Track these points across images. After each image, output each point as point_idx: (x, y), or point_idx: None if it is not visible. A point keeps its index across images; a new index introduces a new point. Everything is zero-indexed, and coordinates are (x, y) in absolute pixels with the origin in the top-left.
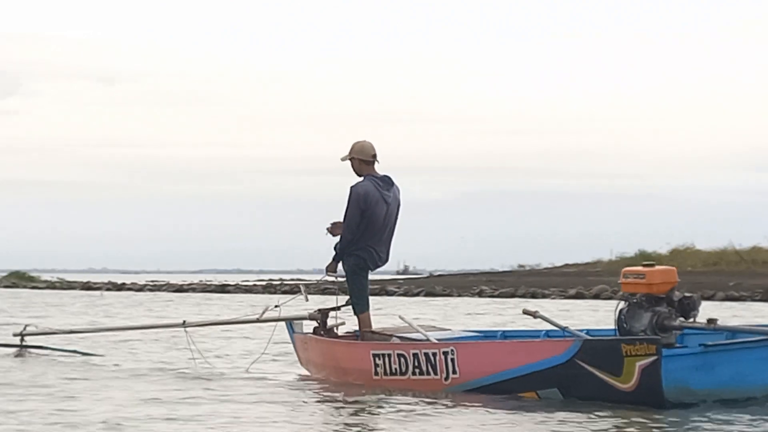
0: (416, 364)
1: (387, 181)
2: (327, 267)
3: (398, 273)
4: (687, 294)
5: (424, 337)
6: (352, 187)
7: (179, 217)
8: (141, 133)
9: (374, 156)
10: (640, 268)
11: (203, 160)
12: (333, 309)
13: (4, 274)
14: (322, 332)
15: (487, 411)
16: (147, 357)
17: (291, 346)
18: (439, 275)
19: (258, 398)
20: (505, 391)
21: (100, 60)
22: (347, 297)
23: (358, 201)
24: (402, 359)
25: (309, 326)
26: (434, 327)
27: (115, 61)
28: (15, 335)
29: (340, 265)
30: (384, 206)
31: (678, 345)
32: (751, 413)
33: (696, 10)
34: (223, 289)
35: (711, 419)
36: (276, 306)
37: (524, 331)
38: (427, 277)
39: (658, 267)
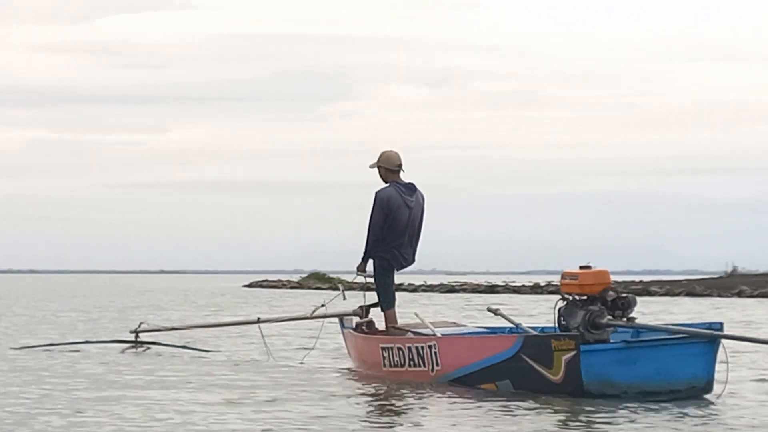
0: (410, 357)
1: (410, 188)
2: (357, 267)
3: (726, 273)
4: (622, 294)
5: (431, 332)
6: (376, 193)
7: (510, 217)
8: (474, 135)
9: (399, 165)
10: (575, 270)
11: (536, 162)
12: (374, 305)
13: (304, 275)
14: (364, 327)
15: (444, 400)
16: (244, 349)
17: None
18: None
19: (292, 387)
20: (474, 382)
21: (429, 62)
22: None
23: (381, 205)
24: (401, 352)
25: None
26: (456, 323)
27: (443, 62)
28: (131, 332)
29: (369, 266)
30: (406, 210)
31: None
32: (672, 405)
33: None
34: (492, 289)
35: (630, 409)
36: (322, 305)
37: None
38: (727, 277)
39: (591, 270)
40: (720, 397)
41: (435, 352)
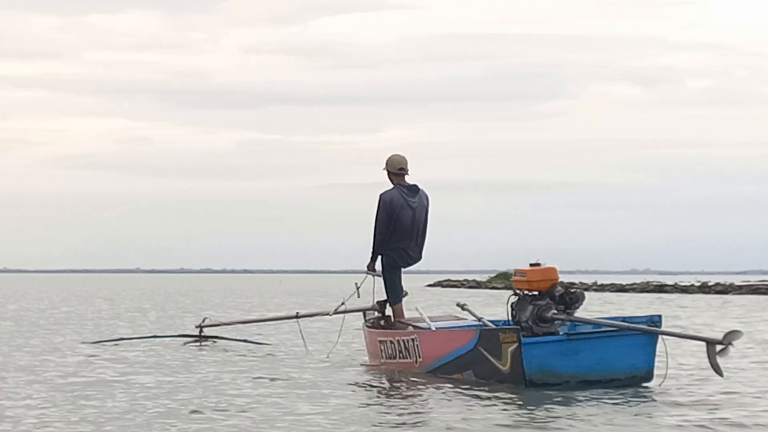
0: (400, 349)
1: (413, 189)
2: (367, 265)
3: None
4: (571, 289)
5: (427, 326)
6: (380, 195)
7: (726, 216)
8: (689, 133)
9: (402, 169)
10: (524, 267)
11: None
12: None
13: (493, 274)
14: (382, 321)
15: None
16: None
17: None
18: None
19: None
20: (447, 372)
21: (642, 60)
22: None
23: (385, 207)
24: (393, 345)
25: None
26: (457, 317)
27: (656, 60)
28: (196, 327)
29: (378, 264)
30: (409, 211)
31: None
32: (612, 392)
33: None
34: (660, 289)
35: (571, 397)
36: (342, 303)
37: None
38: None
39: (540, 267)
40: (660, 385)
41: (417, 345)
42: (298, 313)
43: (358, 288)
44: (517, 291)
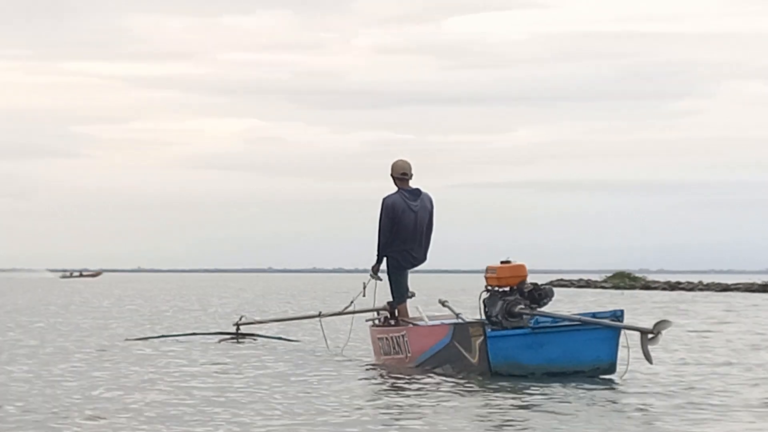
0: (393, 345)
1: (415, 193)
2: (372, 267)
3: None
4: (540, 286)
5: (423, 323)
6: (383, 199)
7: None
8: None
9: (404, 174)
10: (495, 264)
11: None
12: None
13: (609, 274)
14: (392, 321)
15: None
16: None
17: None
18: None
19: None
20: (431, 366)
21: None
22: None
23: (387, 210)
24: (388, 342)
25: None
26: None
27: None
28: (233, 325)
29: (383, 266)
30: (411, 214)
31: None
32: (576, 383)
33: None
34: (764, 288)
35: (536, 387)
36: (351, 302)
37: None
38: None
39: (509, 264)
40: (623, 377)
41: (406, 341)
42: (321, 312)
43: (364, 287)
44: (488, 287)
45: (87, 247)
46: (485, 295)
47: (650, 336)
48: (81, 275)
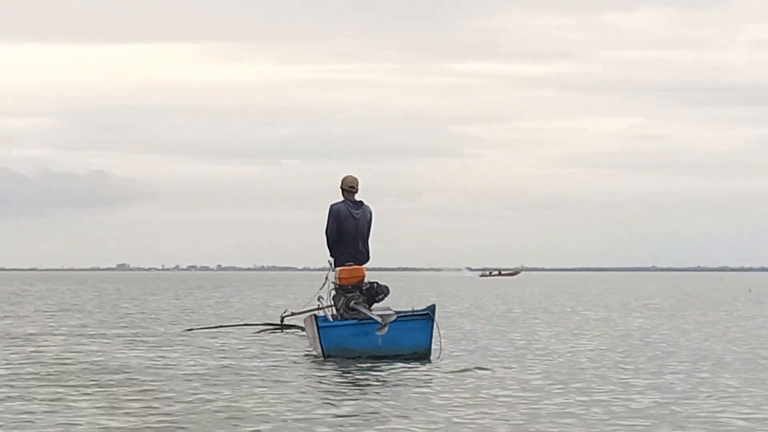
0: (309, 335)
1: (357, 203)
2: (329, 261)
3: None
4: (376, 285)
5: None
6: (330, 205)
7: None
8: None
9: (351, 187)
10: (341, 267)
11: None
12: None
13: None
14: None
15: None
16: None
17: None
18: None
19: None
20: (312, 349)
21: None
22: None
23: (333, 215)
24: (307, 332)
25: None
26: (389, 308)
27: None
28: (280, 317)
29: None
30: (353, 221)
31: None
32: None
33: None
34: None
35: (361, 368)
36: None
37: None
38: None
39: (350, 267)
40: (438, 358)
41: (306, 331)
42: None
43: (324, 283)
44: (336, 285)
45: (480, 245)
46: (334, 292)
47: (379, 327)
48: (500, 274)
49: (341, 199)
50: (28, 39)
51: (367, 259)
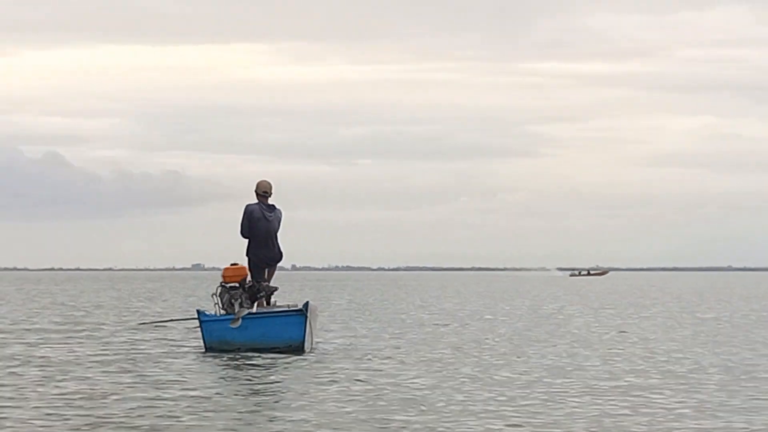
0: None
1: (270, 207)
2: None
3: None
4: (256, 283)
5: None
6: (246, 205)
7: None
8: None
9: (265, 192)
10: (225, 266)
11: None
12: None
13: None
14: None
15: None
16: None
17: None
18: None
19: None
20: None
21: None
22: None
23: (246, 214)
24: None
25: None
26: (289, 305)
27: None
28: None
29: None
30: (265, 222)
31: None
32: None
33: None
34: None
35: (242, 357)
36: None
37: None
38: None
39: (234, 266)
40: (311, 350)
41: None
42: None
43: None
44: (222, 284)
45: (567, 245)
46: (220, 289)
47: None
48: (588, 274)
49: (255, 201)
50: (105, 40)
51: (280, 257)
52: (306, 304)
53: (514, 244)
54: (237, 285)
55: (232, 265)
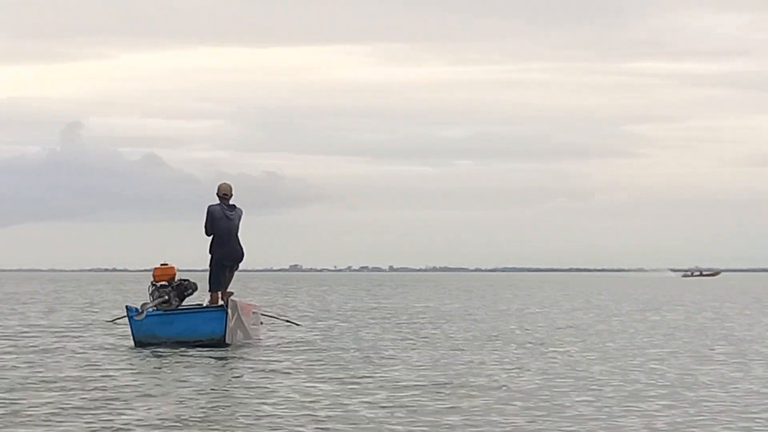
0: None
1: (231, 206)
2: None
3: None
4: (184, 281)
5: None
6: (208, 206)
7: None
8: None
9: (225, 194)
10: (156, 266)
11: None
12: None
13: None
14: None
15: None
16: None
17: None
18: None
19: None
20: None
21: None
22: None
23: (208, 215)
24: None
25: None
26: (252, 305)
27: None
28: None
29: None
30: (226, 221)
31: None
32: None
33: None
34: None
35: (170, 352)
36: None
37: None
38: None
39: (164, 266)
40: (230, 344)
41: None
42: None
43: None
44: (152, 282)
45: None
46: (151, 287)
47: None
48: (701, 274)
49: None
50: (204, 42)
51: (242, 256)
52: (227, 301)
53: (612, 244)
54: (166, 283)
55: (162, 265)
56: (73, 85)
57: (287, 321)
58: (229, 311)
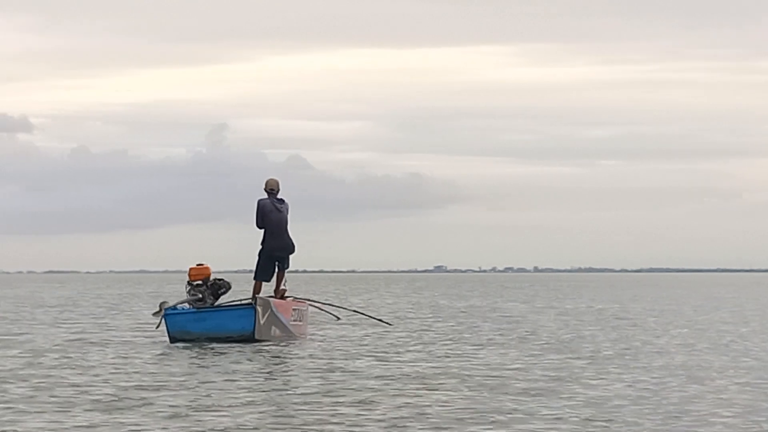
0: None
1: (280, 200)
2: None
3: None
4: (218, 281)
5: None
6: (258, 200)
7: None
8: None
9: (272, 189)
10: (192, 265)
11: None
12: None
13: None
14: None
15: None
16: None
17: None
18: None
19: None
20: None
21: None
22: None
23: (259, 208)
24: None
25: None
26: (301, 301)
27: None
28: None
29: None
30: (277, 213)
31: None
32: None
33: None
34: None
35: (202, 348)
36: None
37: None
38: None
39: (200, 266)
40: (260, 340)
41: None
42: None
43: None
44: (188, 281)
45: None
46: (188, 287)
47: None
48: None
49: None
50: (347, 44)
51: (293, 248)
52: (254, 299)
53: (762, 245)
54: (201, 282)
55: (198, 265)
56: (219, 87)
57: (379, 320)
58: (259, 308)
